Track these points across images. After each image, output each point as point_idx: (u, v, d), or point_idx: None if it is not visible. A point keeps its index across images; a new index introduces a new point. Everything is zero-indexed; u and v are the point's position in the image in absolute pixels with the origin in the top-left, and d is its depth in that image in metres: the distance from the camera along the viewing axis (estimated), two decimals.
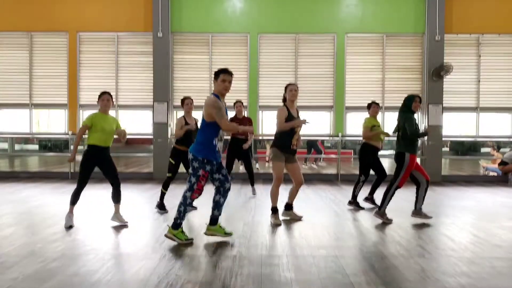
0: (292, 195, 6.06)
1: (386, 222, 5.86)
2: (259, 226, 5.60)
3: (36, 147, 11.84)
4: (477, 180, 11.03)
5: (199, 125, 6.59)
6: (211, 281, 3.50)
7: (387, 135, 6.96)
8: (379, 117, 7.87)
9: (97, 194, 8.36)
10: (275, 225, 5.65)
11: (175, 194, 8.03)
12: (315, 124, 11.18)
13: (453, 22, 11.08)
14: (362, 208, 6.92)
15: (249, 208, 6.85)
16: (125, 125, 11.36)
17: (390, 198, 5.94)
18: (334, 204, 7.37)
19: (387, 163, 11.32)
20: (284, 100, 5.93)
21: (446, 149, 13.66)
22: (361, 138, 7.36)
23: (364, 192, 7.53)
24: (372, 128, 6.98)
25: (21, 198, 7.71)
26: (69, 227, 5.35)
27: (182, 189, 6.57)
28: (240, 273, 3.69)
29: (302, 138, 6.29)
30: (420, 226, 5.70)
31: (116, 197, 5.62)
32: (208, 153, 4.57)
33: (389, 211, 6.80)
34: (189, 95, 6.97)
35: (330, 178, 10.85)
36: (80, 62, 11.31)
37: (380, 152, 7.15)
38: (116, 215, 5.63)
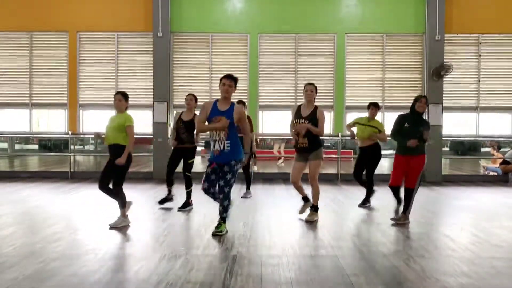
0: (311, 196, 6.04)
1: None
2: (259, 226, 5.60)
3: (36, 147, 11.83)
4: (477, 180, 11.02)
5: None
6: (211, 281, 3.50)
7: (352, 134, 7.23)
8: (379, 116, 7.90)
9: (97, 194, 8.35)
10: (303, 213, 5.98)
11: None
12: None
13: (453, 22, 11.07)
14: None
15: (249, 208, 6.84)
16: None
17: (405, 199, 5.85)
18: (334, 204, 7.36)
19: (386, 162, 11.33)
20: None
21: (446, 149, 13.65)
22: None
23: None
24: (354, 124, 7.26)
25: (21, 198, 7.70)
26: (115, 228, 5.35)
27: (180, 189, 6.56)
28: (240, 273, 3.69)
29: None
30: (420, 226, 5.70)
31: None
32: (211, 153, 5.03)
33: (388, 210, 6.80)
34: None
35: (330, 178, 10.84)
36: (80, 62, 11.31)
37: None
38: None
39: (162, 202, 6.80)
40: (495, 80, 11.22)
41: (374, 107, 7.16)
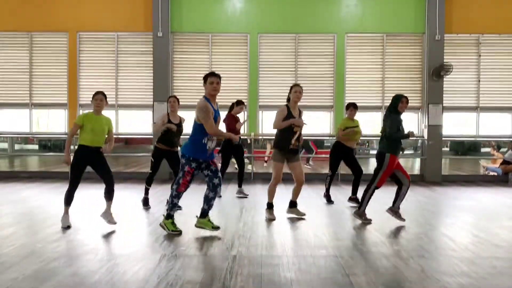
0: (295, 193, 6.15)
1: (365, 222, 5.82)
2: (259, 226, 5.60)
3: (36, 147, 11.85)
4: (477, 180, 11.03)
5: (187, 124, 6.71)
6: (211, 281, 3.50)
7: (357, 135, 7.27)
8: (379, 116, 7.94)
9: (97, 194, 8.35)
10: (269, 220, 5.88)
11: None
12: (314, 124, 11.20)
13: (453, 22, 11.08)
14: (332, 202, 7.26)
15: (248, 208, 6.85)
16: (125, 125, 11.40)
17: (369, 198, 5.85)
18: (334, 204, 7.36)
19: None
20: (288, 100, 5.94)
21: (446, 149, 13.67)
22: (361, 138, 7.46)
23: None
24: (345, 129, 7.21)
25: (21, 198, 7.70)
26: (66, 227, 5.32)
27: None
28: (240, 273, 3.69)
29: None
30: (420, 226, 5.70)
31: (108, 194, 5.48)
32: (195, 152, 4.93)
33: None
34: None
35: None
36: (80, 62, 11.31)
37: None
38: (106, 213, 5.49)
39: (146, 203, 6.82)
40: (495, 80, 11.23)
41: (354, 108, 7.35)
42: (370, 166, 11.62)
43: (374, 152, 8.78)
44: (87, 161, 5.33)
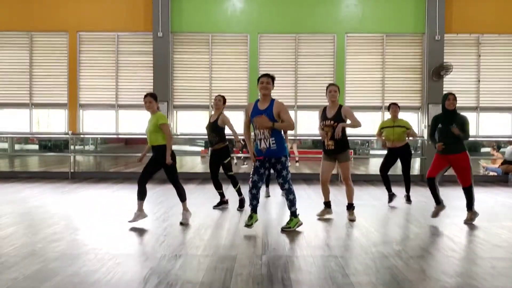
0: (347, 195, 6.23)
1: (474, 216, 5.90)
2: (259, 226, 5.59)
3: (36, 147, 11.84)
4: (477, 180, 10.98)
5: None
6: (211, 281, 3.50)
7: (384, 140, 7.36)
8: (379, 116, 7.94)
9: (98, 194, 8.36)
10: (321, 217, 6.00)
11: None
12: (314, 124, 11.20)
13: (453, 22, 11.08)
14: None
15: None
16: (125, 125, 11.39)
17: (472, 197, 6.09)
18: (334, 204, 7.34)
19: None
20: None
21: None
22: (360, 138, 7.46)
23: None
24: (379, 130, 7.32)
25: (21, 198, 7.70)
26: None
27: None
28: (240, 273, 3.69)
29: (301, 138, 6.36)
30: (420, 226, 5.70)
31: (180, 197, 5.76)
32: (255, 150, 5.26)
33: (388, 209, 6.80)
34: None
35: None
36: (80, 62, 11.31)
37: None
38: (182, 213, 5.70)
39: (217, 206, 6.77)
40: (495, 80, 11.23)
41: (395, 106, 7.34)
42: (371, 166, 11.60)
43: (374, 152, 8.76)
44: (152, 157, 5.79)
